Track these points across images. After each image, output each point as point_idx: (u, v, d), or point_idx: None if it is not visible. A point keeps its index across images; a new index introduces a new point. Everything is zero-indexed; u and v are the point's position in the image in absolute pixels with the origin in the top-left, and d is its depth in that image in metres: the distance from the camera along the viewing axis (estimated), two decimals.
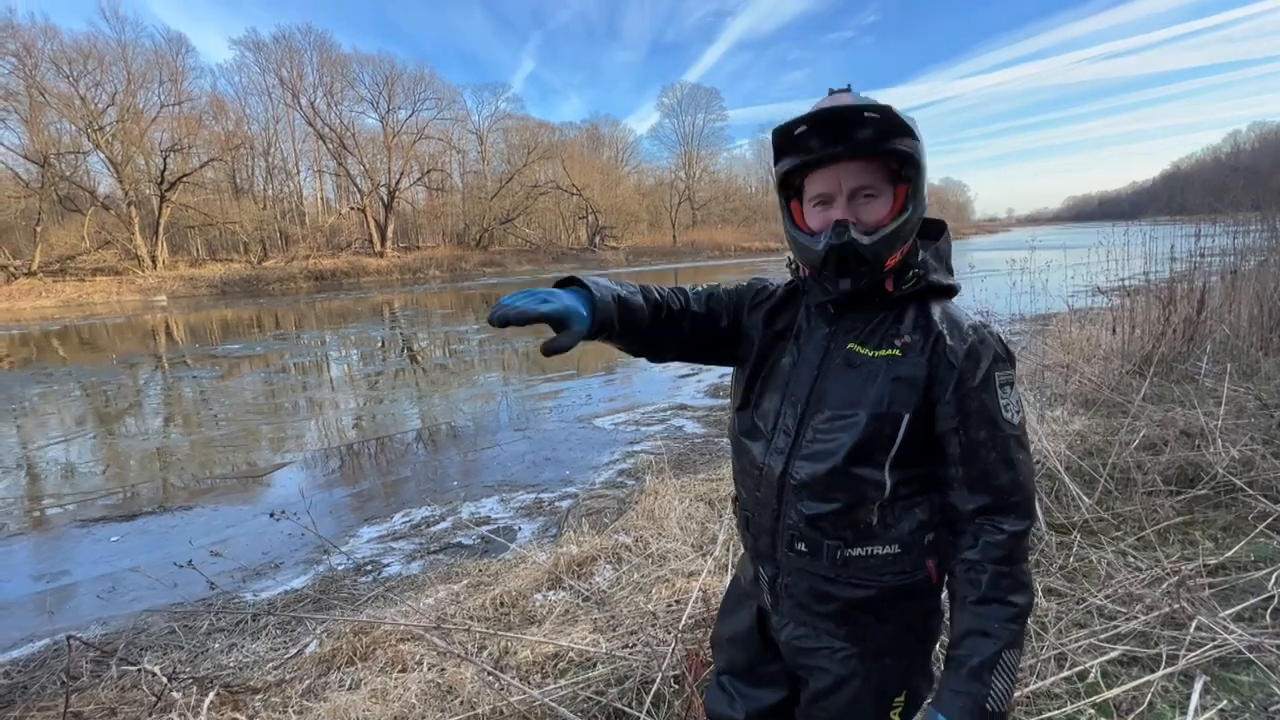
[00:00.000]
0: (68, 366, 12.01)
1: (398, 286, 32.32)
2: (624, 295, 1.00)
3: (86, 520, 4.62)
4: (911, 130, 0.90)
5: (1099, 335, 5.94)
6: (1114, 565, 2.53)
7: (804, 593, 1.02)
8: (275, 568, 3.72)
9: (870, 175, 0.93)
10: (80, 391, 9.56)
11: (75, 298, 28.21)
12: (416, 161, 46.64)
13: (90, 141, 33.10)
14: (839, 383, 0.97)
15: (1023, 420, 0.96)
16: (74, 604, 3.46)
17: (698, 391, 7.71)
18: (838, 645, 1.01)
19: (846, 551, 0.97)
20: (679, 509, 3.38)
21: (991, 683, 0.88)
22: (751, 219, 64.94)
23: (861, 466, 0.94)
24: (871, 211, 0.93)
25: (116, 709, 2.23)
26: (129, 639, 2.89)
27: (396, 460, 5.79)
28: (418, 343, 13.70)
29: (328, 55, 43.25)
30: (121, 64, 34.58)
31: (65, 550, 4.20)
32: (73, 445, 6.76)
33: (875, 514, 0.96)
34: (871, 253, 0.92)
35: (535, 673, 2.06)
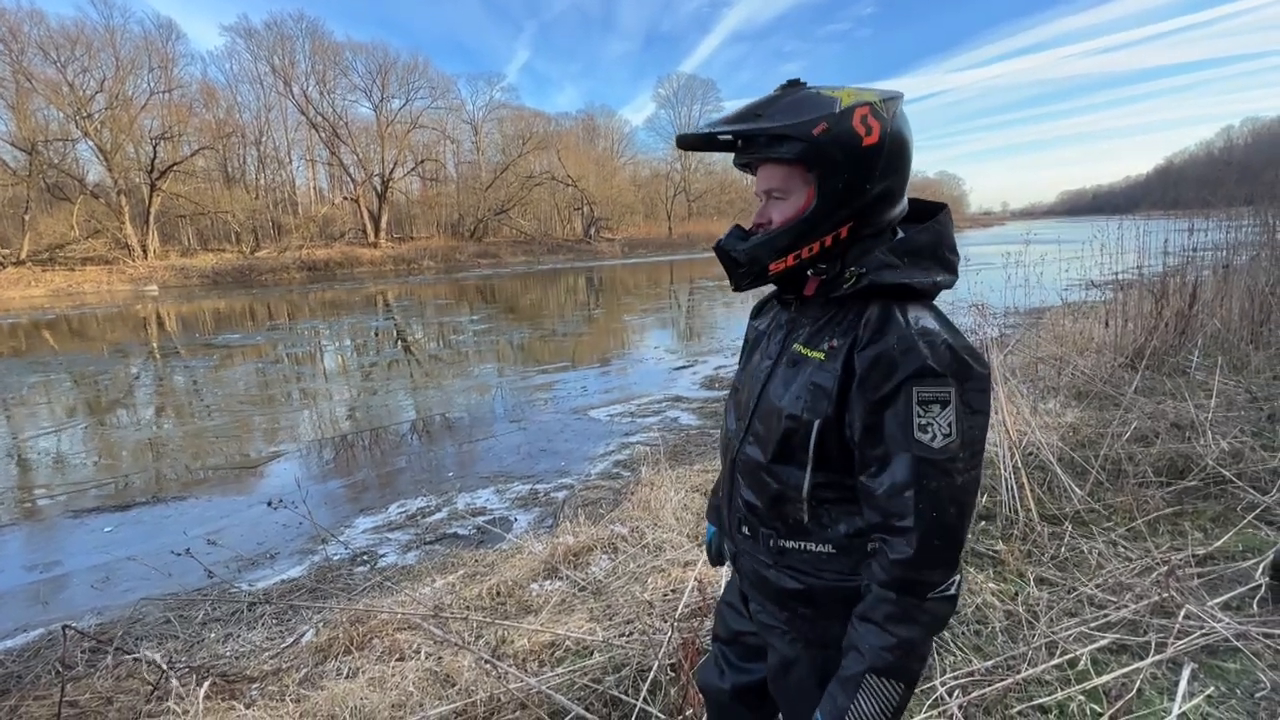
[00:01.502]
0: (58, 356, 11.91)
1: (391, 277, 32.14)
2: None
3: (79, 510, 4.60)
4: (786, 135, 0.86)
5: (1092, 328, 5.98)
6: (1105, 555, 2.56)
7: (750, 573, 1.07)
8: (270, 558, 3.72)
9: (777, 177, 0.93)
10: (71, 382, 9.49)
11: (65, 287, 27.91)
12: (410, 151, 46.25)
13: (79, 129, 32.65)
14: (778, 380, 0.99)
15: (952, 445, 0.82)
16: (68, 594, 3.45)
17: (693, 383, 7.72)
18: (784, 627, 1.03)
19: (781, 542, 0.99)
20: (674, 500, 3.40)
21: (856, 699, 0.85)
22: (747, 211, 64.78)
23: (782, 464, 0.96)
24: (780, 212, 0.94)
25: (113, 698, 2.23)
26: (124, 629, 2.88)
27: (391, 451, 5.78)
28: (412, 334, 13.65)
29: (320, 43, 42.74)
30: (110, 50, 34.08)
31: (58, 540, 4.18)
32: (64, 435, 6.72)
33: (805, 512, 0.95)
34: (746, 257, 0.95)
35: (532, 661, 2.07)
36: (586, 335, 12.36)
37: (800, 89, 0.91)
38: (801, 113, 0.87)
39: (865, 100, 0.87)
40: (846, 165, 0.87)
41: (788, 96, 0.90)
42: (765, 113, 0.89)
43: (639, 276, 27.85)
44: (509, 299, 20.43)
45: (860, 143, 0.86)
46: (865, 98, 0.87)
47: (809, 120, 0.86)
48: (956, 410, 0.82)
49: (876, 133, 0.87)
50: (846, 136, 0.86)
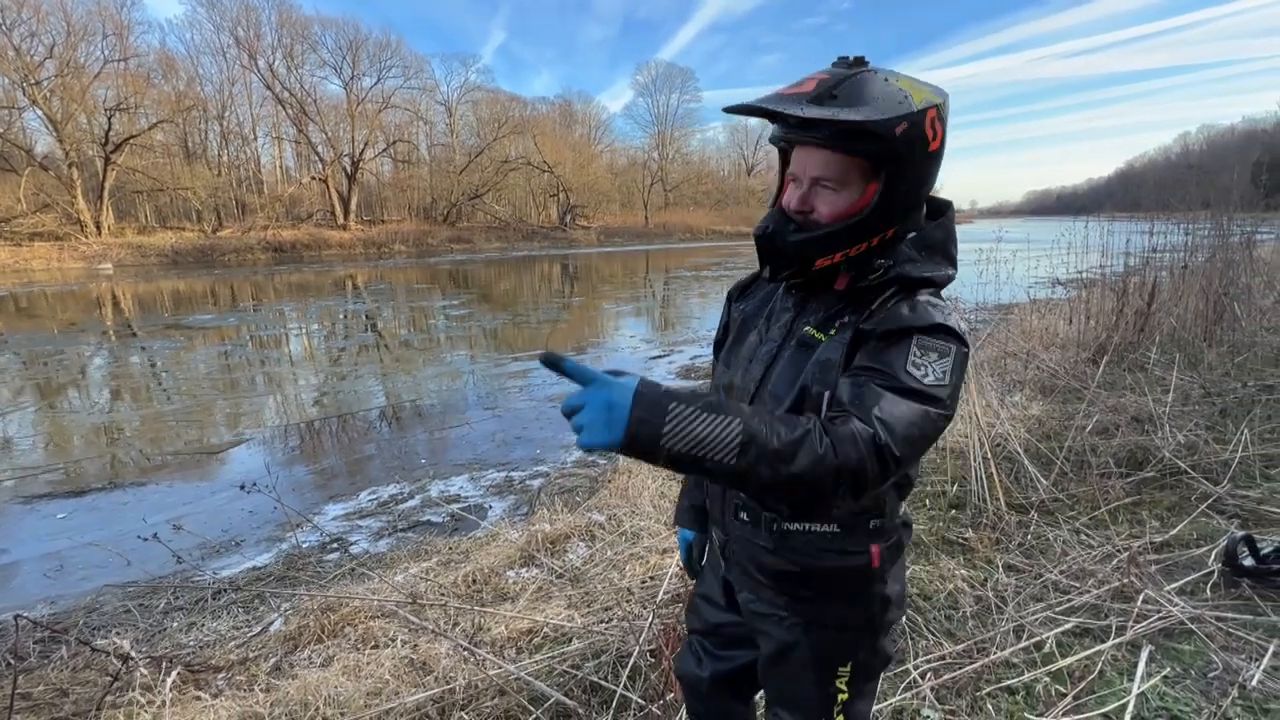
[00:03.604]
0: (4, 336, 11.34)
1: (361, 261, 31.40)
2: None
3: (29, 496, 4.40)
4: (879, 132, 0.81)
5: (1057, 324, 6.16)
6: (1069, 543, 2.65)
7: (747, 560, 1.05)
8: (236, 545, 3.61)
9: (835, 167, 0.88)
10: (19, 363, 9.05)
11: (11, 263, 26.56)
12: (382, 131, 45.11)
13: (26, 96, 30.95)
14: (787, 362, 0.98)
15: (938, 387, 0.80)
16: (18, 582, 3.30)
17: (669, 372, 7.73)
18: (781, 612, 1.03)
19: (784, 525, 0.99)
20: (652, 487, 3.40)
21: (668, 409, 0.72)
22: (724, 202, 64.95)
23: None
24: (828, 204, 0.90)
25: (68, 690, 2.14)
26: (81, 618, 2.77)
27: (361, 438, 5.66)
28: (383, 319, 13.37)
29: (287, 15, 41.26)
30: (60, 14, 32.34)
31: (6, 527, 3.99)
32: (11, 419, 6.41)
33: None
34: (794, 250, 0.91)
35: (510, 648, 2.05)
36: (562, 323, 12.27)
37: (868, 71, 0.86)
38: (883, 107, 0.82)
39: (934, 101, 0.85)
40: (914, 168, 0.86)
41: (859, 79, 0.84)
42: (840, 95, 0.83)
43: (615, 265, 27.73)
44: (483, 285, 20.14)
45: (928, 147, 0.86)
46: (933, 98, 0.85)
47: (893, 118, 0.82)
48: (952, 365, 0.83)
49: (940, 137, 0.87)
50: (920, 139, 0.84)
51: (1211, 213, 6.50)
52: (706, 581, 1.25)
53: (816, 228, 0.90)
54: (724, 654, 1.20)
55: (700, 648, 1.23)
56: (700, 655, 1.23)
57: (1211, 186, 7.33)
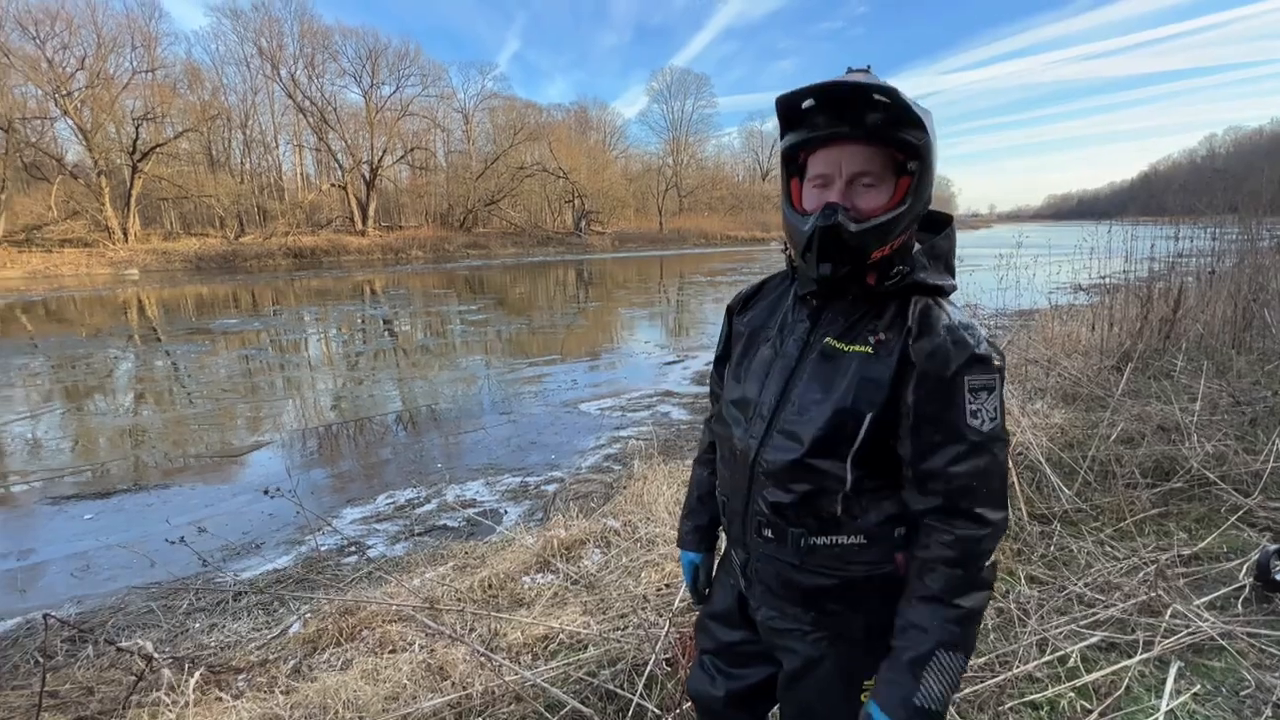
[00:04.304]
0: (35, 340, 11.64)
1: (379, 266, 31.80)
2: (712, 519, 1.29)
3: (57, 497, 4.50)
4: (921, 122, 0.87)
5: (1079, 331, 6.05)
6: (1093, 554, 2.60)
7: (771, 578, 1.04)
8: (256, 548, 3.66)
9: (873, 162, 0.90)
10: (47, 366, 9.27)
11: (42, 269, 27.27)
12: (400, 139, 45.70)
13: (58, 107, 31.82)
14: (812, 376, 0.98)
15: (997, 427, 0.89)
16: (46, 582, 3.37)
17: (683, 378, 7.72)
18: (807, 628, 1.03)
19: (810, 540, 0.98)
20: (667, 494, 3.39)
21: (923, 679, 0.87)
22: (738, 208, 64.85)
23: (823, 459, 0.95)
24: (868, 200, 0.91)
25: (94, 688, 2.18)
26: (106, 618, 2.82)
27: (378, 442, 5.72)
28: (400, 324, 13.52)
29: (309, 26, 42.02)
30: (91, 27, 33.25)
31: (35, 528, 4.08)
32: (41, 421, 6.57)
33: (839, 504, 0.96)
34: (856, 241, 0.90)
35: (526, 654, 2.05)
36: (576, 329, 12.31)
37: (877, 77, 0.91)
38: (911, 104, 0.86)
39: None
40: (933, 166, 0.91)
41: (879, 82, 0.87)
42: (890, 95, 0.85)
43: (629, 271, 27.79)
44: (498, 290, 20.29)
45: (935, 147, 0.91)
46: None
47: (925, 112, 0.88)
48: (999, 393, 0.90)
49: None
50: (935, 138, 0.90)
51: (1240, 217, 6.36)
52: (716, 600, 1.23)
53: (866, 220, 0.90)
54: (738, 672, 1.18)
55: (713, 667, 1.21)
56: (714, 674, 1.21)
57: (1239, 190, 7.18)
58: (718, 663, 1.21)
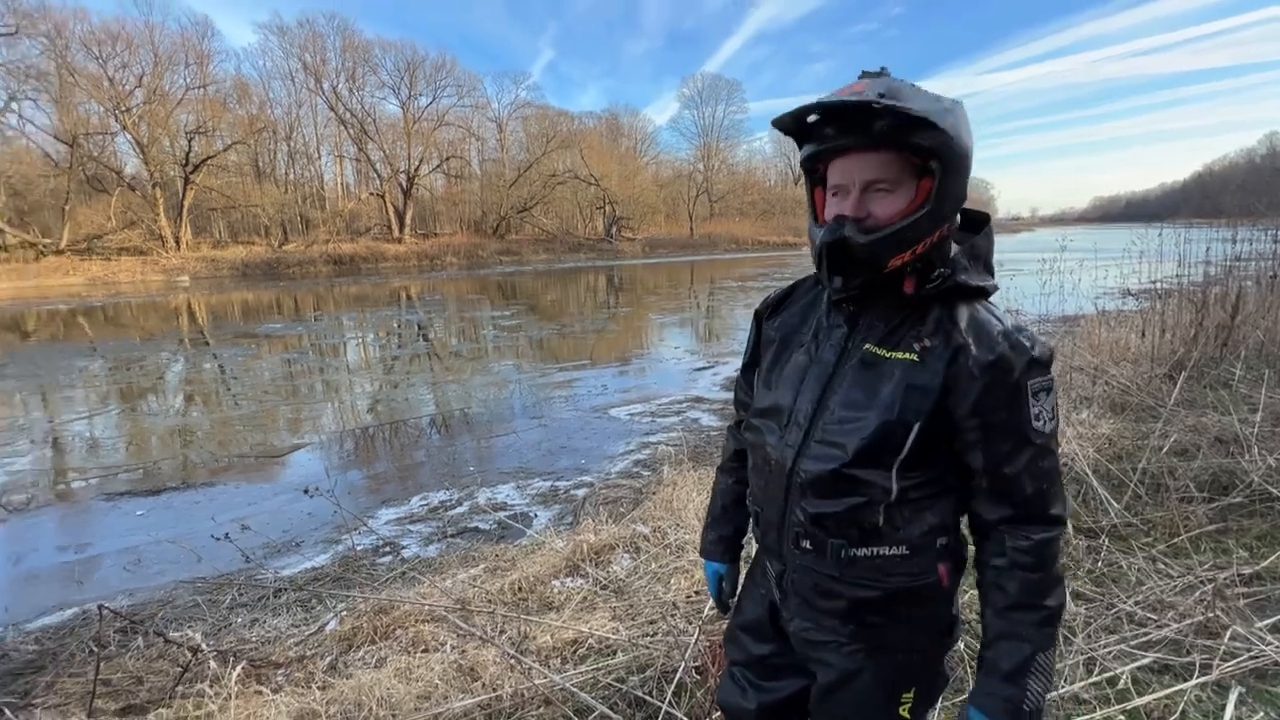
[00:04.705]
0: (94, 344, 12.25)
1: (415, 273, 32.53)
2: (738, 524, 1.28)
3: (112, 494, 4.71)
4: (931, 122, 0.82)
5: (1128, 338, 5.81)
6: (1144, 571, 2.48)
7: (809, 589, 1.02)
8: (295, 546, 3.77)
9: (887, 168, 0.88)
10: (105, 369, 9.74)
11: (101, 276, 28.72)
12: (436, 148, 46.78)
13: (118, 122, 33.56)
14: (852, 384, 0.95)
15: (1055, 427, 0.92)
16: (101, 575, 3.53)
17: (713, 384, 7.67)
18: (844, 640, 1.00)
19: (851, 551, 0.96)
20: (697, 501, 3.37)
21: (1027, 685, 0.88)
22: (770, 212, 64.36)
23: (867, 469, 0.92)
24: (884, 206, 0.89)
25: (143, 678, 2.27)
26: (155, 610, 2.94)
27: (412, 444, 5.83)
28: (434, 329, 13.79)
29: (350, 40, 43.42)
30: (149, 46, 35.00)
31: (92, 523, 4.28)
32: (97, 421, 6.90)
33: (881, 515, 0.94)
34: (867, 252, 0.88)
35: (555, 658, 2.06)
36: (607, 334, 12.37)
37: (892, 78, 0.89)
38: (924, 101, 0.84)
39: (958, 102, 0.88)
40: (961, 163, 0.88)
41: (894, 83, 0.86)
42: (888, 95, 0.83)
43: (659, 276, 27.82)
44: (530, 296, 20.54)
45: (969, 143, 0.89)
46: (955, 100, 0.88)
47: (943, 109, 0.85)
48: (1055, 393, 0.92)
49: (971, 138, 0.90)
50: (964, 134, 0.87)
51: None
52: (746, 611, 1.20)
53: (881, 228, 0.89)
54: (769, 685, 1.15)
55: (744, 679, 1.19)
56: (744, 686, 1.18)
57: None
58: (749, 675, 1.18)
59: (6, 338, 13.32)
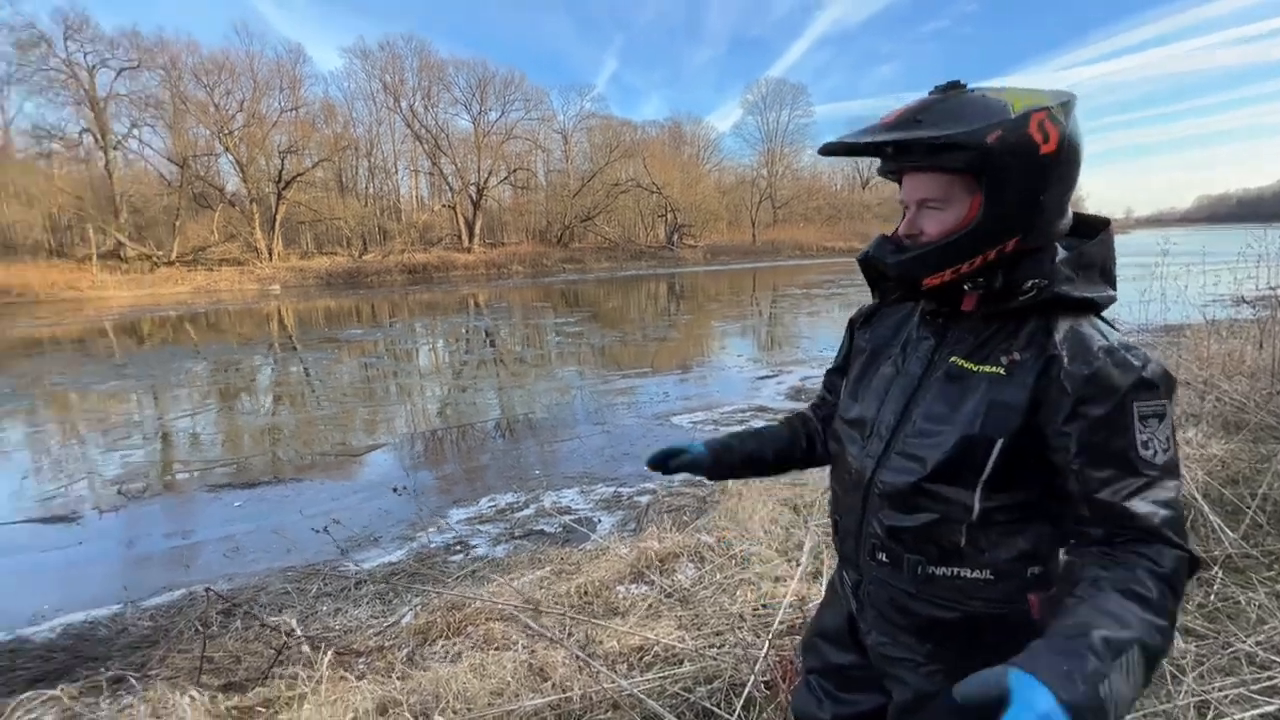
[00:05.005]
0: (198, 347, 13.36)
1: (483, 281, 33.69)
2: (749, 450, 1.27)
3: (214, 485, 5.12)
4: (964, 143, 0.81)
5: (1243, 349, 5.29)
6: (1266, 609, 2.24)
7: (885, 603, 1.00)
8: (374, 541, 3.96)
9: (936, 186, 0.88)
10: (207, 370, 10.60)
11: (205, 285, 31.33)
12: (504, 161, 48.35)
13: (221, 144, 36.63)
14: (935, 397, 0.93)
15: (1171, 460, 0.79)
16: (204, 559, 3.83)
17: (778, 393, 7.54)
18: (921, 659, 0.97)
19: (929, 569, 0.93)
20: (762, 512, 3.31)
21: (1114, 668, 0.63)
22: (836, 218, 62.74)
23: (946, 485, 0.89)
24: (934, 224, 0.89)
25: (241, 658, 2.45)
26: (251, 595, 3.16)
27: (480, 447, 6.03)
28: (500, 335, 14.23)
29: (427, 60, 45.63)
30: (249, 74, 38.03)
31: (196, 511, 4.66)
32: (198, 418, 7.51)
33: (963, 535, 0.89)
34: (897, 271, 0.90)
35: (621, 663, 2.07)
36: (668, 341, 12.39)
37: (962, 93, 0.86)
38: (970, 119, 0.82)
39: (1041, 104, 0.82)
40: (1021, 175, 0.83)
41: (949, 101, 0.85)
42: (925, 118, 0.84)
43: (721, 283, 27.64)
44: (592, 303, 20.86)
45: (1037, 150, 0.82)
46: (1040, 101, 0.82)
47: (981, 127, 0.81)
48: (1169, 423, 0.81)
49: (1054, 139, 0.82)
50: (1023, 144, 0.81)
51: None
52: (826, 619, 1.19)
53: (917, 248, 0.90)
54: (846, 697, 1.13)
55: (820, 689, 1.17)
56: (820, 696, 1.16)
57: None
58: (825, 685, 1.16)
59: (125, 341, 14.74)
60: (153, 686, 1.87)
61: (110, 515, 4.57)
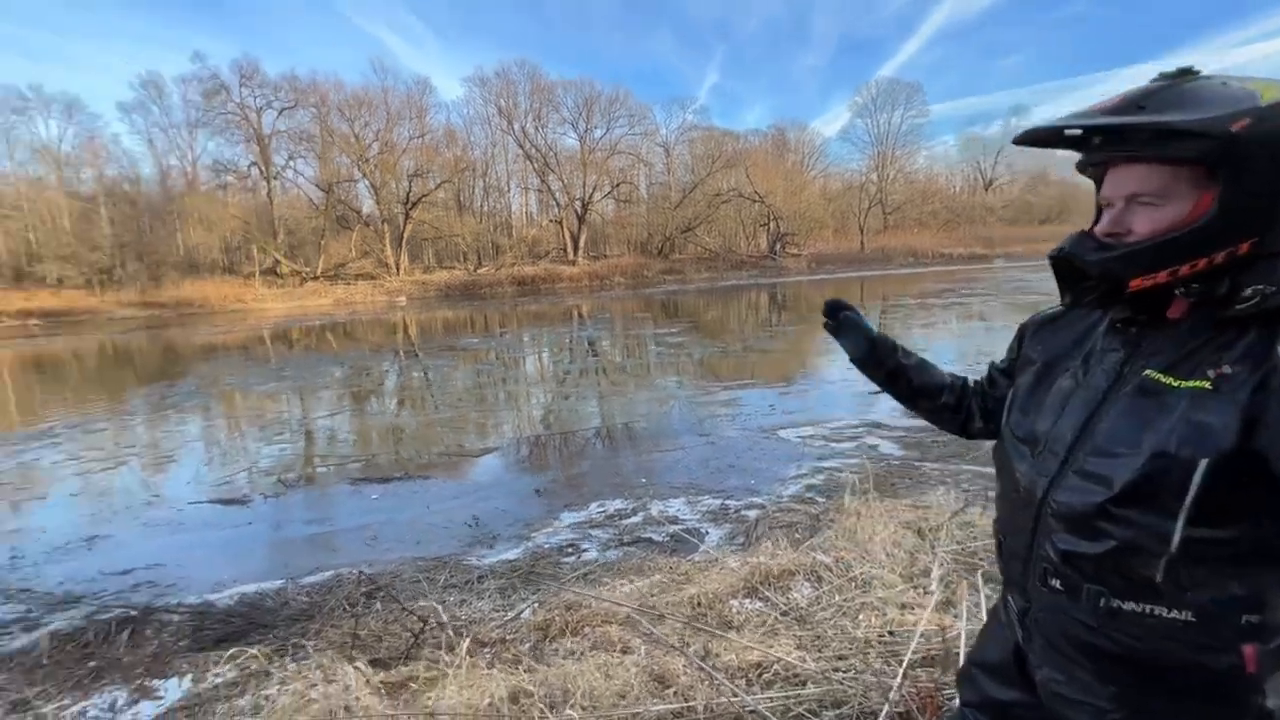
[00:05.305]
0: (336, 354, 14.87)
1: (586, 292, 34.81)
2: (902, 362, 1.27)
3: (354, 479, 5.64)
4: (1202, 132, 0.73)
5: None
6: None
7: (1057, 634, 0.90)
8: (493, 538, 4.18)
9: (1154, 180, 0.79)
10: (344, 375, 11.76)
11: (343, 298, 34.96)
12: (608, 176, 49.83)
13: (359, 171, 40.82)
14: (1124, 412, 0.83)
15: None
16: (348, 545, 4.22)
17: (893, 409, 7.11)
18: (1104, 705, 0.85)
19: (1113, 602, 0.82)
20: (883, 534, 3.14)
21: None
22: (954, 222, 58.59)
23: (1137, 510, 0.79)
24: (1147, 222, 0.80)
25: (382, 637, 2.67)
26: (388, 581, 3.44)
27: (587, 454, 6.20)
28: (603, 345, 14.60)
29: (538, 83, 48.10)
30: (384, 106, 42.08)
31: (340, 501, 5.16)
32: (337, 418, 8.33)
33: (1159, 569, 0.78)
34: (1099, 270, 0.82)
35: (739, 678, 2.04)
36: (771, 352, 12.14)
37: (1195, 78, 0.79)
38: (1209, 106, 0.74)
39: None
40: (1270, 169, 0.74)
41: (1179, 87, 0.78)
42: (1150, 104, 0.77)
43: (826, 293, 26.61)
44: (692, 314, 20.88)
45: None
46: None
47: (1225, 114, 0.73)
48: None
49: None
50: (1275, 135, 0.73)
51: None
52: (988, 649, 1.10)
53: (1124, 245, 0.81)
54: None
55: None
56: None
57: None
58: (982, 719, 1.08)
59: (279, 347, 16.74)
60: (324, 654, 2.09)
61: (272, 500, 5.18)
